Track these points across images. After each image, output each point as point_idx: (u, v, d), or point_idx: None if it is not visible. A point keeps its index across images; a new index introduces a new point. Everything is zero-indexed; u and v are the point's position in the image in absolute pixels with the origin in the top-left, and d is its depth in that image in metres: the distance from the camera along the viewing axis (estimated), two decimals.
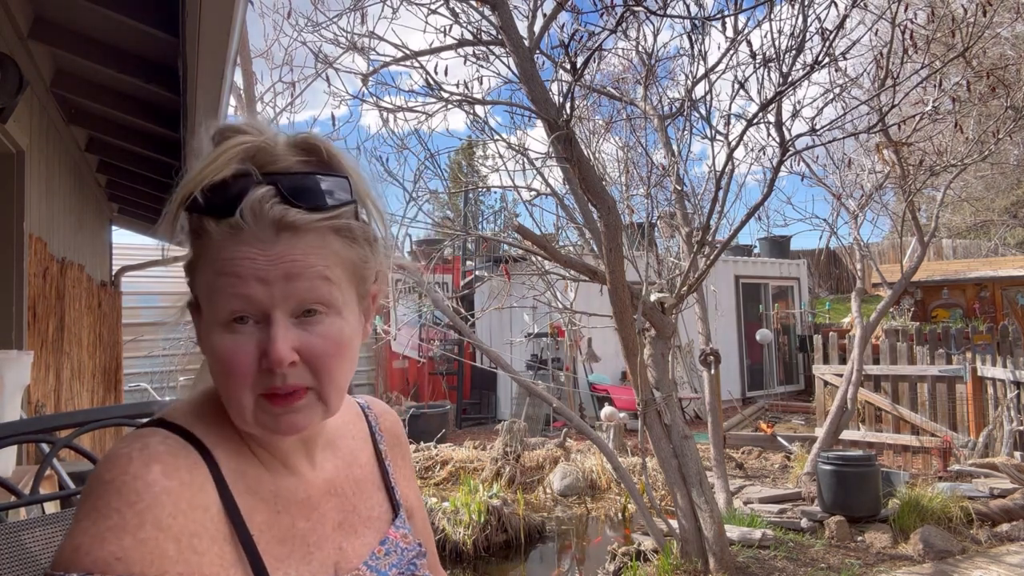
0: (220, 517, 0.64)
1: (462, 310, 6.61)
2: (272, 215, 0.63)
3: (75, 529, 0.58)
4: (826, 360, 8.27)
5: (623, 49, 6.05)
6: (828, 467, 5.31)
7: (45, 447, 2.45)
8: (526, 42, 3.69)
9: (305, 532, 0.71)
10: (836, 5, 3.96)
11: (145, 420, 0.69)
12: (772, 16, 4.00)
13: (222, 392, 0.67)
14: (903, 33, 4.39)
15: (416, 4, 4.23)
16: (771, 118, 4.19)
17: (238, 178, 0.64)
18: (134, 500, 0.58)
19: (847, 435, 7.32)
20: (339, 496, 0.76)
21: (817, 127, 4.39)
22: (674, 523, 4.40)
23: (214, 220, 0.63)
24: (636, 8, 3.95)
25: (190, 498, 0.62)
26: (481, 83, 4.75)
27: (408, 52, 4.31)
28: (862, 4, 4.47)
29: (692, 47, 4.34)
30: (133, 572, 0.56)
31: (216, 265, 0.64)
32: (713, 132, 4.49)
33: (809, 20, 3.91)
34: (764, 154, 5.28)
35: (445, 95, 4.23)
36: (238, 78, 6.00)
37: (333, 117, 4.99)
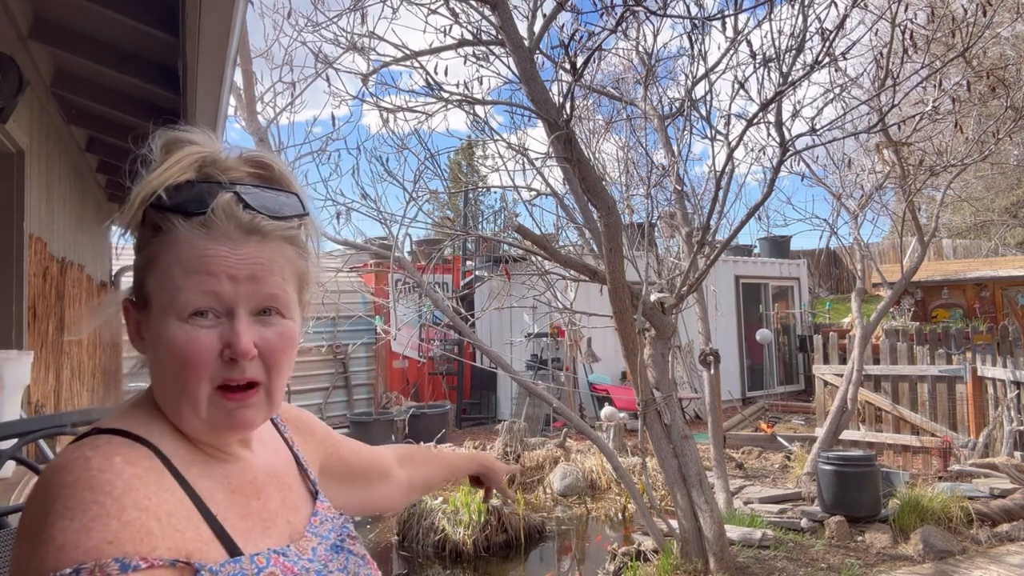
0: (185, 500, 0.66)
1: (462, 310, 6.61)
2: (243, 218, 0.69)
3: (48, 533, 0.57)
4: (826, 360, 8.27)
5: (623, 49, 6.06)
6: (828, 467, 5.31)
7: (46, 447, 2.44)
8: (526, 42, 3.69)
9: (258, 509, 0.76)
10: (836, 5, 3.96)
11: (79, 433, 0.70)
12: (772, 16, 4.00)
13: (174, 385, 0.69)
14: (903, 33, 4.39)
15: (416, 4, 4.23)
16: (771, 118, 4.19)
17: (203, 182, 0.69)
18: (108, 489, 0.60)
19: (847, 435, 7.32)
20: (277, 478, 0.82)
21: (817, 127, 4.38)
22: (674, 523, 4.40)
23: (183, 217, 0.68)
24: (636, 8, 3.95)
25: (157, 480, 0.64)
26: (481, 83, 4.75)
27: (408, 52, 4.30)
28: (862, 4, 4.47)
29: (692, 47, 4.34)
30: (127, 552, 0.57)
31: (184, 261, 0.67)
32: (713, 132, 4.49)
33: (809, 20, 3.91)
34: (764, 154, 5.28)
35: (445, 95, 4.23)
36: (238, 78, 6.00)
37: (333, 117, 4.98)
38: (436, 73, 4.23)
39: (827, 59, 4.03)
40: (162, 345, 0.68)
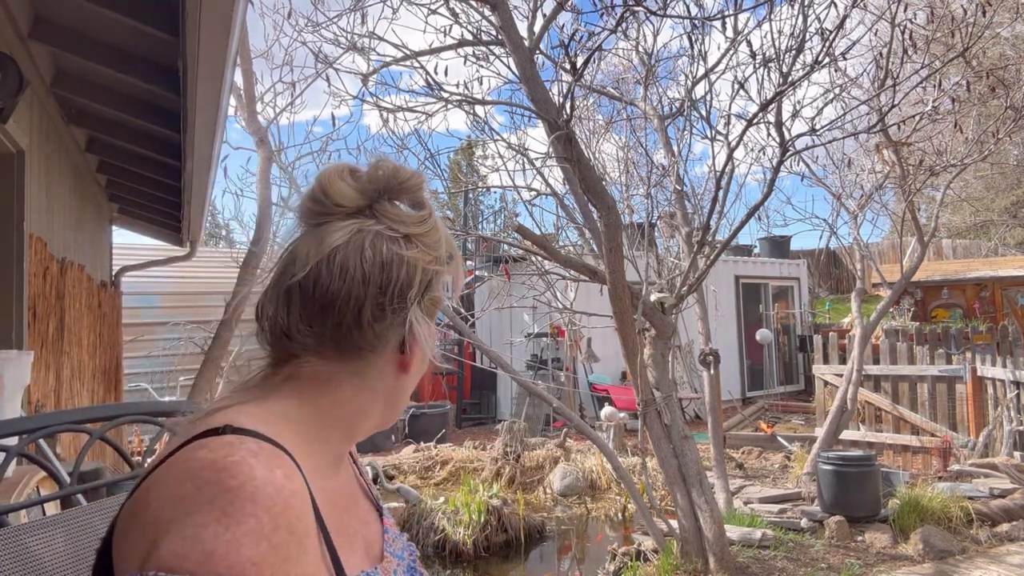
0: (313, 517, 0.67)
1: (462, 310, 6.61)
2: None
3: (197, 532, 0.57)
4: (826, 360, 8.27)
5: (623, 49, 6.06)
6: (828, 467, 5.31)
7: (45, 446, 2.44)
8: (526, 42, 3.69)
9: (347, 525, 0.79)
10: (836, 5, 3.96)
11: (199, 425, 0.68)
12: (772, 16, 4.00)
13: (410, 391, 0.85)
14: (903, 33, 4.39)
15: (416, 4, 4.23)
16: (771, 118, 4.19)
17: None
18: (269, 505, 0.59)
19: (847, 435, 7.32)
20: (354, 495, 0.86)
21: (817, 127, 4.39)
22: (674, 523, 4.40)
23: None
24: (636, 8, 3.96)
25: (307, 499, 0.65)
26: (481, 83, 4.75)
27: (408, 52, 4.31)
28: (862, 4, 4.47)
29: (692, 47, 4.35)
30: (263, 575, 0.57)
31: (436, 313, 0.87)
32: (713, 132, 4.49)
33: (809, 20, 3.92)
34: (764, 154, 5.28)
35: (445, 95, 4.23)
36: (238, 78, 6.00)
37: (333, 117, 4.99)
38: (436, 73, 4.24)
39: (827, 59, 4.03)
40: (428, 360, 0.84)
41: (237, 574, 0.56)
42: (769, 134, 4.39)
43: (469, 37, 4.23)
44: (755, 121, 4.16)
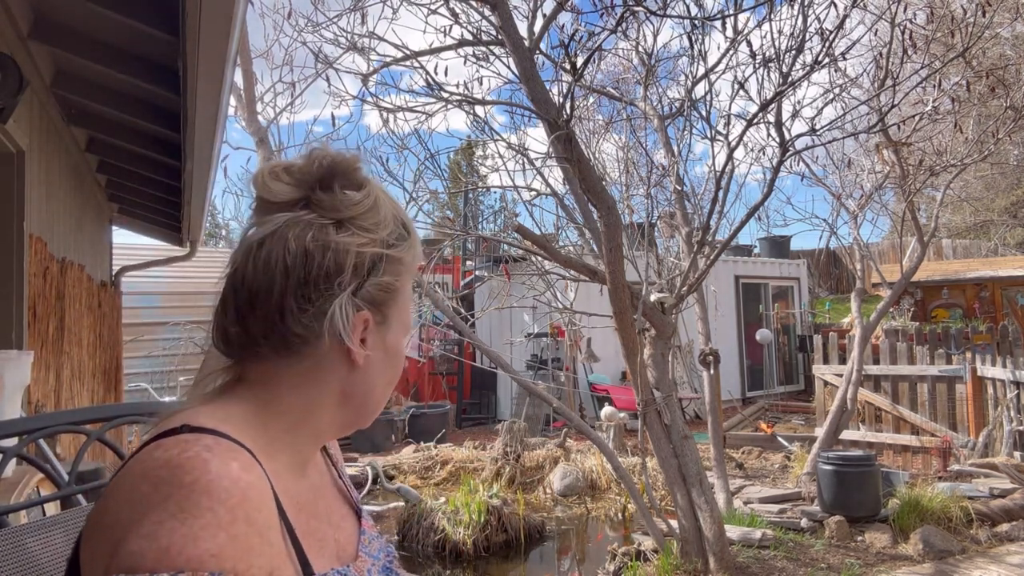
0: (276, 513, 0.67)
1: (462, 310, 6.62)
2: None
3: (153, 530, 0.57)
4: (826, 360, 8.27)
5: (623, 49, 6.06)
6: (828, 467, 5.31)
7: (45, 447, 2.44)
8: (526, 42, 3.69)
9: (315, 528, 0.78)
10: (836, 5, 3.96)
11: (159, 427, 0.69)
12: (772, 16, 4.00)
13: (387, 386, 0.82)
14: (903, 33, 4.40)
15: (416, 4, 4.23)
16: (771, 118, 4.19)
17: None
18: (225, 497, 0.59)
19: (847, 435, 7.32)
20: (325, 498, 0.85)
21: (817, 127, 4.39)
22: (674, 523, 4.40)
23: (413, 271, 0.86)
24: (636, 8, 3.96)
25: (266, 491, 0.65)
26: (481, 83, 4.75)
27: (408, 52, 4.31)
28: (862, 4, 4.47)
29: (692, 47, 4.35)
30: (225, 568, 0.57)
31: (409, 299, 0.84)
32: (713, 132, 4.49)
33: (809, 20, 3.92)
34: (764, 154, 5.28)
35: (445, 95, 4.23)
36: (238, 78, 6.00)
37: (333, 117, 4.98)
38: (436, 73, 4.24)
39: (827, 59, 4.04)
40: (395, 353, 0.82)
41: (196, 567, 0.55)
42: (769, 134, 4.39)
43: (469, 37, 4.23)
44: (755, 121, 4.16)
